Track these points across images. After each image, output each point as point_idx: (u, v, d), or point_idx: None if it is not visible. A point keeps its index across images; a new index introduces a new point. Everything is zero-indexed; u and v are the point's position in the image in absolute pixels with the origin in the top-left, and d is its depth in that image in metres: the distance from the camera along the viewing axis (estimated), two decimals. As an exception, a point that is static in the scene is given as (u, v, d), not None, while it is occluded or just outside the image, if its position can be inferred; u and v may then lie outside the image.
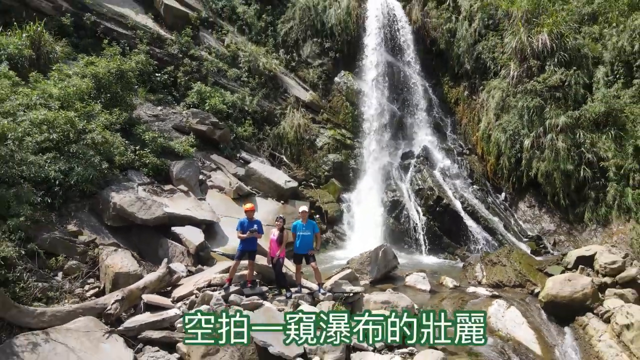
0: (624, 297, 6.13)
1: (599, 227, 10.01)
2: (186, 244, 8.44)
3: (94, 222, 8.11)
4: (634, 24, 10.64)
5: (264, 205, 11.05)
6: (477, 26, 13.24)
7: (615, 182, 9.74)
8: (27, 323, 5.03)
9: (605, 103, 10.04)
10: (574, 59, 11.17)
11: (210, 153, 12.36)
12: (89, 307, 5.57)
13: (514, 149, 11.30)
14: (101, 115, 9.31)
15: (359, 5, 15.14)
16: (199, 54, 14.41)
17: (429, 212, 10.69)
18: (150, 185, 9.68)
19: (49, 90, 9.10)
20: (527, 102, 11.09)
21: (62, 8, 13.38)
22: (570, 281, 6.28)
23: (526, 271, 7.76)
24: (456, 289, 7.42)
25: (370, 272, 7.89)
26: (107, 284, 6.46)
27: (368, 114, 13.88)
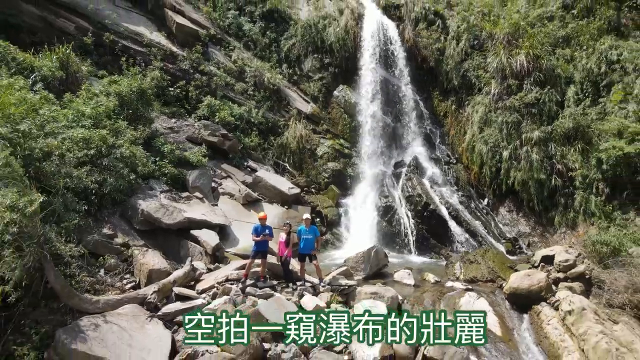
0: (573, 289, 7.37)
1: (567, 229, 11.25)
2: (204, 245, 9.67)
3: (124, 226, 9.34)
4: (602, 48, 11.93)
5: (270, 210, 12.26)
6: (463, 46, 14.49)
7: (581, 190, 11.00)
8: (86, 309, 6.26)
9: (574, 119, 11.30)
10: (548, 79, 12.41)
11: (220, 162, 13.59)
12: (132, 297, 6.80)
13: (494, 160, 12.55)
14: (127, 132, 10.56)
15: (356, 24, 16.38)
16: (208, 69, 15.64)
17: (417, 217, 11.94)
18: (169, 193, 10.91)
19: (82, 110, 10.32)
20: (506, 117, 12.35)
21: (84, 28, 14.65)
22: (529, 276, 7.53)
23: (498, 268, 9.01)
24: (437, 284, 8.66)
25: (363, 269, 9.13)
26: (142, 278, 7.69)
27: (364, 126, 15.12)
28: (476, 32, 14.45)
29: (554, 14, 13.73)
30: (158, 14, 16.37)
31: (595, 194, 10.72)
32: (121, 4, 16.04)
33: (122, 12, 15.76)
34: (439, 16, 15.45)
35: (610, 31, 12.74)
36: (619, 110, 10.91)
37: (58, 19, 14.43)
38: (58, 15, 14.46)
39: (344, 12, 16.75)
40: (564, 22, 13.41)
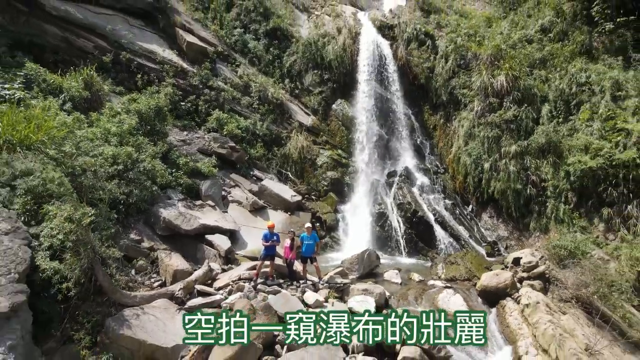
0: (534, 287, 8.67)
1: (541, 234, 12.57)
2: (217, 248, 10.96)
3: (148, 232, 10.64)
4: (573, 70, 13.26)
5: (275, 216, 13.58)
6: (451, 65, 15.81)
7: (552, 199, 12.33)
8: (126, 302, 7.57)
9: (546, 136, 12.61)
10: (525, 97, 13.73)
11: (229, 172, 14.90)
12: (162, 293, 8.11)
13: (477, 170, 13.87)
14: (148, 147, 11.87)
15: (353, 43, 17.69)
16: (216, 85, 16.94)
17: (407, 222, 13.25)
18: (185, 201, 12.21)
19: (108, 128, 11.63)
20: (488, 132, 13.67)
21: (102, 47, 15.95)
22: (497, 275, 8.85)
23: (475, 269, 10.34)
24: (421, 282, 9.98)
25: (357, 269, 10.45)
26: (168, 277, 9.00)
27: (360, 137, 16.43)
28: (463, 52, 15.75)
29: (533, 37, 15.07)
30: (169, 32, 17.63)
31: (564, 203, 12.05)
32: (135, 23, 17.32)
33: (137, 31, 17.03)
34: (429, 37, 16.74)
35: (583, 54, 14.09)
36: (585, 127, 12.24)
37: (78, 39, 15.71)
38: (79, 36, 15.73)
39: (342, 31, 18.06)
40: (542, 44, 14.74)
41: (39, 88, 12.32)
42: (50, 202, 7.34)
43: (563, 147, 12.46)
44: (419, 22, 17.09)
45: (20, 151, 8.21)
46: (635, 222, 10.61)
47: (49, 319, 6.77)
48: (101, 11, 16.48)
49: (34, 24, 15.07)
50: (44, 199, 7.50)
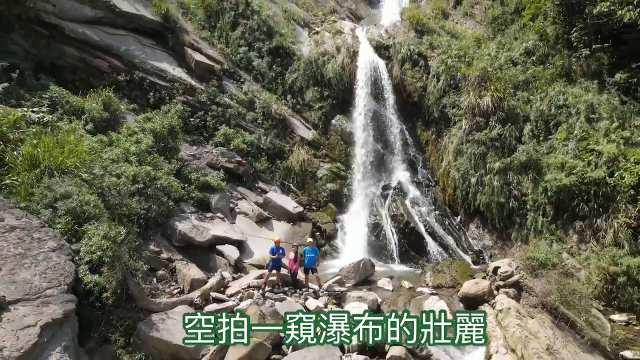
0: (508, 294, 9.83)
1: (522, 244, 13.74)
2: (227, 258, 12.13)
3: (165, 243, 11.81)
4: (552, 93, 14.44)
5: (278, 226, 14.77)
6: (442, 84, 16.97)
7: (532, 211, 13.50)
8: (152, 308, 8.74)
9: (526, 154, 13.78)
10: (509, 117, 14.89)
11: (236, 184, 16.07)
12: (183, 300, 9.29)
13: (465, 184, 15.04)
14: (164, 165, 13.04)
15: (351, 62, 18.84)
16: (223, 101, 18.09)
17: (400, 233, 14.44)
18: (196, 214, 13.38)
19: (128, 148, 12.78)
20: (474, 149, 14.85)
21: (116, 66, 17.13)
22: (476, 284, 10.03)
23: (459, 277, 11.52)
24: (410, 289, 11.15)
25: (353, 277, 11.62)
26: (186, 285, 10.17)
27: (358, 151, 17.59)
28: (453, 73, 16.90)
29: (518, 60, 16.24)
30: (178, 50, 18.76)
31: (543, 215, 13.23)
32: (147, 43, 18.48)
33: (148, 50, 18.19)
34: (422, 57, 17.90)
35: (563, 76, 15.26)
36: (562, 147, 13.42)
37: (95, 59, 16.89)
38: (95, 56, 16.91)
39: (341, 50, 19.22)
40: (526, 66, 15.92)
41: (63, 109, 13.45)
42: (88, 221, 8.51)
43: (542, 164, 13.62)
44: (413, 43, 18.24)
45: (57, 175, 9.37)
46: (603, 235, 11.78)
47: (89, 323, 7.93)
48: (115, 32, 17.61)
49: (54, 46, 16.24)
50: (81, 219, 8.67)
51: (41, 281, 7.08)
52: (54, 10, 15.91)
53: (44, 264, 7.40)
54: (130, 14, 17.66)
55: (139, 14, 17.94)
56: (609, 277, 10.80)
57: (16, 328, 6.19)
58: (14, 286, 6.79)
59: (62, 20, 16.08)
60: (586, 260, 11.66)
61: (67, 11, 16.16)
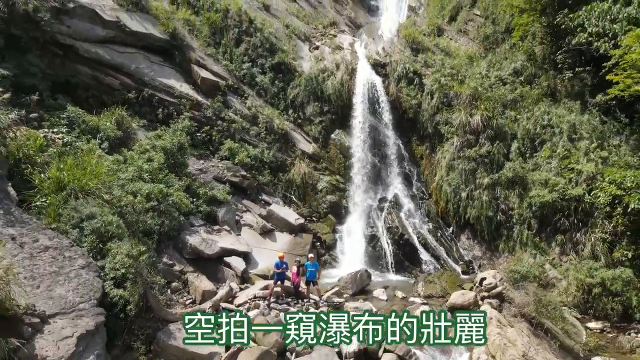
0: (492, 305, 10.78)
1: (509, 255, 14.71)
2: (234, 269, 13.07)
3: (177, 256, 12.75)
4: (537, 113, 15.41)
5: (281, 238, 15.71)
6: (436, 102, 17.92)
7: (518, 224, 14.46)
8: (169, 318, 9.67)
9: (513, 170, 14.75)
10: (498, 135, 15.85)
11: (241, 197, 17.00)
12: (196, 310, 10.23)
13: (456, 198, 16.00)
14: (175, 182, 13.98)
15: (349, 79, 19.78)
16: (228, 117, 18.99)
17: (395, 244, 15.40)
18: (205, 227, 14.32)
19: (141, 166, 13.71)
20: (465, 165, 15.81)
21: (127, 84, 18.06)
22: (463, 294, 11.00)
23: (449, 287, 12.48)
24: (403, 299, 12.10)
25: (351, 287, 12.58)
26: (197, 296, 11.11)
27: (356, 165, 18.54)
28: (446, 91, 17.84)
29: (507, 79, 17.22)
30: (184, 67, 19.63)
31: (528, 228, 14.19)
32: (155, 60, 19.38)
33: (157, 67, 19.09)
34: (417, 75, 18.85)
35: (548, 95, 16.25)
36: (546, 164, 14.39)
37: (107, 77, 17.81)
38: (107, 75, 17.83)
39: (340, 67, 20.16)
40: (514, 86, 16.89)
41: (80, 129, 14.35)
42: (111, 240, 9.45)
43: (528, 180, 14.59)
44: (408, 61, 19.19)
45: (81, 196, 10.31)
46: (582, 248, 12.76)
47: (114, 333, 8.86)
48: (126, 50, 18.51)
49: (68, 65, 17.14)
50: (105, 238, 9.61)
51: (74, 296, 8.02)
52: (69, 31, 16.80)
53: (76, 280, 8.34)
54: (140, 32, 18.55)
55: (147, 32, 18.82)
56: (585, 288, 11.77)
57: (56, 339, 7.13)
58: (52, 301, 7.73)
59: (77, 40, 16.97)
60: (566, 271, 12.63)
61: (81, 32, 17.05)
